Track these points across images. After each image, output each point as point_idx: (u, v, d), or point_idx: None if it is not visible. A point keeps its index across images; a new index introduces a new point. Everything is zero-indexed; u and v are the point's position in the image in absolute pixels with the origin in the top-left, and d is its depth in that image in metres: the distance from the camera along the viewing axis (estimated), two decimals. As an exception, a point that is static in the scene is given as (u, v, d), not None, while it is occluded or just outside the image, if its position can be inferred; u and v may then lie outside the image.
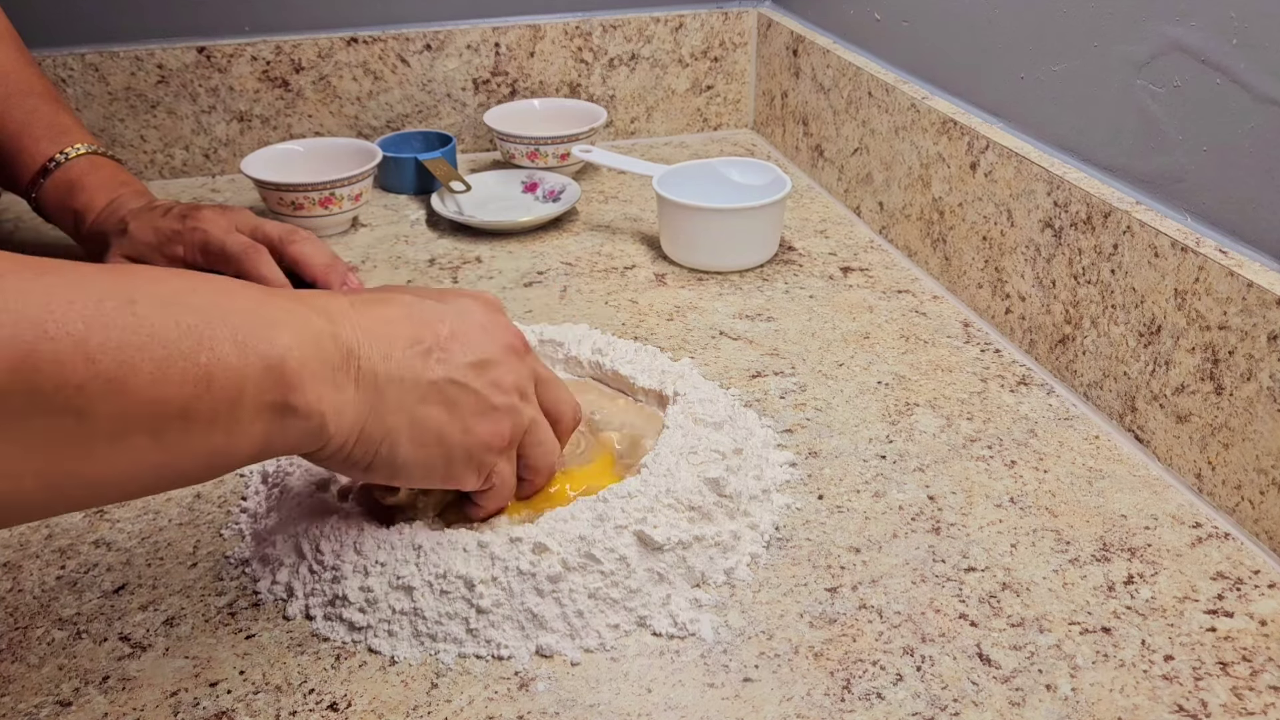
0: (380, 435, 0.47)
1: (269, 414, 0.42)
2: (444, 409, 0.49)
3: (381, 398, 0.47)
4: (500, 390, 0.51)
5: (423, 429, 0.48)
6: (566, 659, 0.51)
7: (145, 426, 0.39)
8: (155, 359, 0.38)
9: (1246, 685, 0.49)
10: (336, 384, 0.45)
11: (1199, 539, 0.58)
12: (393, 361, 0.47)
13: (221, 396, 0.40)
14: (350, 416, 0.46)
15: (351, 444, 0.47)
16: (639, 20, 1.14)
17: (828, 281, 0.87)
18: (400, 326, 0.48)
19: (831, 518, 0.60)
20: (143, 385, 0.38)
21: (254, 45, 1.07)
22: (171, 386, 0.39)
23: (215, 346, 0.40)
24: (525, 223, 0.95)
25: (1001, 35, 0.78)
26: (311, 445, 0.45)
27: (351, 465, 0.48)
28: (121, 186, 0.81)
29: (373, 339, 0.47)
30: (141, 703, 0.49)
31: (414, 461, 0.49)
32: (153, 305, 0.39)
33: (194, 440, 0.40)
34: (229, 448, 0.42)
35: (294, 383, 0.43)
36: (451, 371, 0.49)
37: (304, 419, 0.44)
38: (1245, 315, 0.56)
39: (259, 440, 0.43)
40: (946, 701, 0.48)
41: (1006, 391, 0.72)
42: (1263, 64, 0.57)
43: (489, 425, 0.50)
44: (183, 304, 0.40)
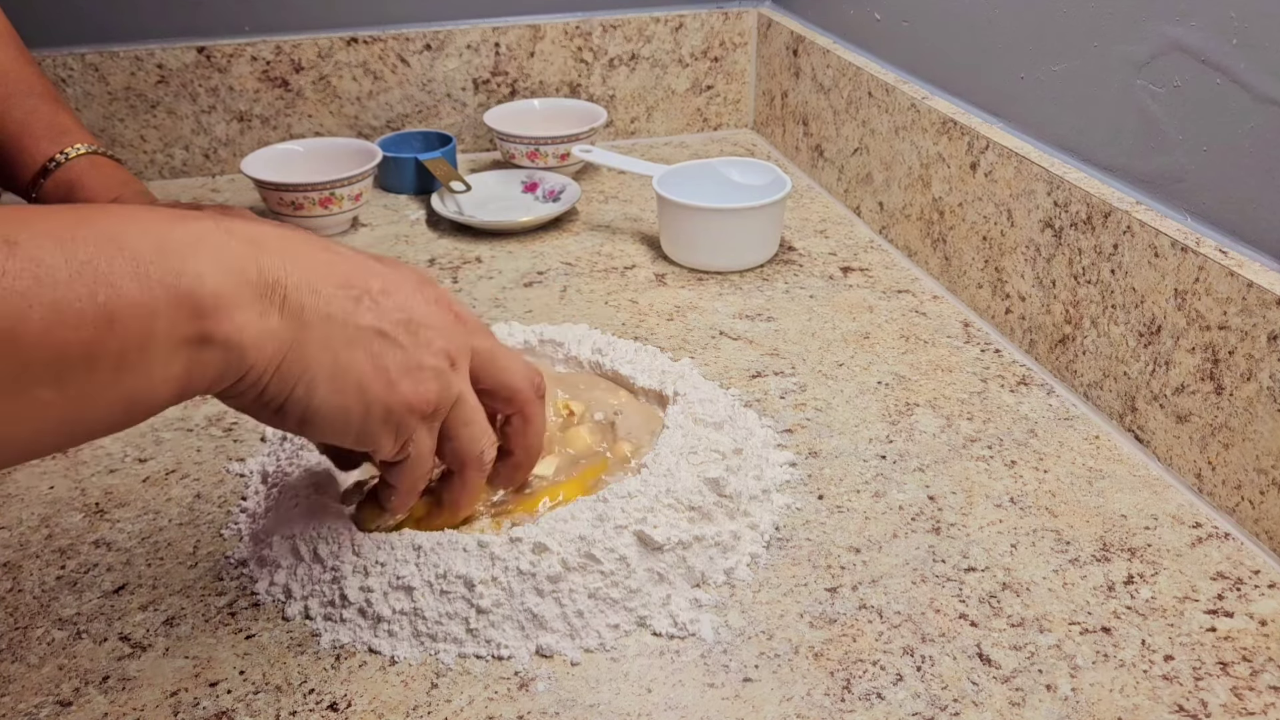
0: (299, 372, 0.43)
1: (186, 348, 0.39)
2: (369, 358, 0.45)
3: (307, 331, 0.43)
4: (431, 352, 0.47)
5: (345, 375, 0.45)
6: (566, 659, 0.51)
7: (45, 377, 0.36)
8: (46, 303, 0.35)
9: (1246, 685, 0.49)
10: (259, 310, 0.41)
11: (1199, 539, 0.58)
12: (321, 297, 0.44)
13: (128, 336, 0.37)
14: (271, 347, 0.42)
15: (268, 378, 0.43)
16: (639, 20, 1.14)
17: (828, 281, 0.87)
18: (333, 267, 0.45)
19: (831, 518, 0.60)
20: (35, 333, 0.35)
21: (254, 45, 1.07)
22: (68, 331, 0.35)
23: (115, 281, 0.37)
24: (525, 223, 0.95)
25: (1001, 35, 0.78)
26: (228, 379, 0.42)
27: (262, 405, 0.44)
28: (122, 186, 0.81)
29: (302, 271, 0.43)
30: (141, 703, 0.49)
31: (329, 408, 0.45)
32: (38, 243, 0.36)
33: (103, 387, 0.37)
34: (145, 391, 0.39)
35: (212, 310, 0.39)
36: (382, 321, 0.46)
37: (223, 349, 0.40)
38: (1245, 315, 0.56)
39: (178, 378, 0.39)
40: (946, 701, 0.48)
41: (1006, 391, 0.72)
42: (1263, 64, 0.57)
43: (414, 385, 0.47)
44: (74, 238, 0.37)
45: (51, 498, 0.63)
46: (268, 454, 0.64)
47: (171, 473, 0.65)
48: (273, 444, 0.65)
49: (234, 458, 0.66)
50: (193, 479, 0.64)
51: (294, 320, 0.43)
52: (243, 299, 0.40)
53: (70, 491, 0.63)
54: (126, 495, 0.63)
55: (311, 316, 0.43)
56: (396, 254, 0.93)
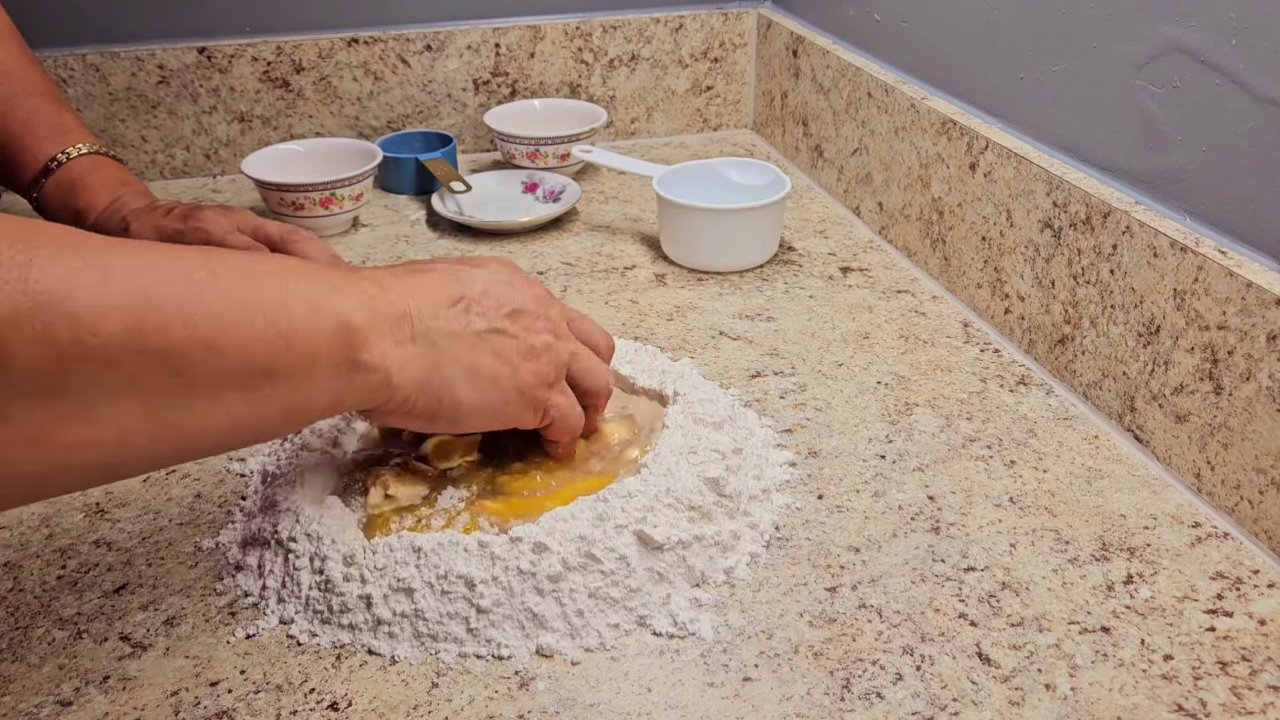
0: (441, 385, 0.52)
1: (340, 370, 0.47)
2: (493, 355, 0.53)
3: (438, 351, 0.51)
4: (537, 333, 0.55)
5: (478, 375, 0.53)
6: (566, 658, 0.51)
7: (236, 384, 0.43)
8: (244, 323, 0.43)
9: (1246, 685, 0.49)
10: (396, 340, 0.49)
11: (1198, 539, 0.58)
12: (441, 319, 0.52)
13: (300, 355, 0.45)
14: (412, 370, 0.50)
15: (415, 395, 0.51)
16: (639, 21, 1.14)
17: (827, 281, 0.87)
18: (440, 289, 0.53)
19: (831, 517, 0.60)
20: (234, 346, 0.42)
21: (254, 46, 1.07)
22: (259, 347, 0.43)
23: (292, 310, 0.45)
24: (525, 223, 0.95)
25: (1001, 35, 0.78)
26: (378, 399, 0.50)
27: (415, 417, 0.52)
28: (123, 186, 0.81)
29: (420, 301, 0.51)
30: (142, 702, 0.49)
31: (476, 405, 0.53)
32: (234, 277, 0.44)
33: (277, 395, 0.45)
34: (307, 402, 0.47)
35: (360, 340, 0.47)
36: (493, 322, 0.54)
37: (370, 373, 0.48)
38: (1244, 315, 0.57)
39: (332, 394, 0.47)
40: (946, 701, 0.48)
41: (1006, 391, 0.72)
42: (1262, 64, 0.57)
43: (534, 364, 0.55)
44: (258, 276, 0.45)
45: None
46: (268, 454, 0.64)
47: (172, 472, 0.65)
48: (273, 444, 0.65)
49: (234, 457, 0.66)
50: (193, 479, 0.64)
51: (425, 344, 0.51)
52: (382, 331, 0.49)
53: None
54: (127, 495, 0.63)
55: (438, 337, 0.51)
56: (397, 254, 0.93)
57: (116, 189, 0.81)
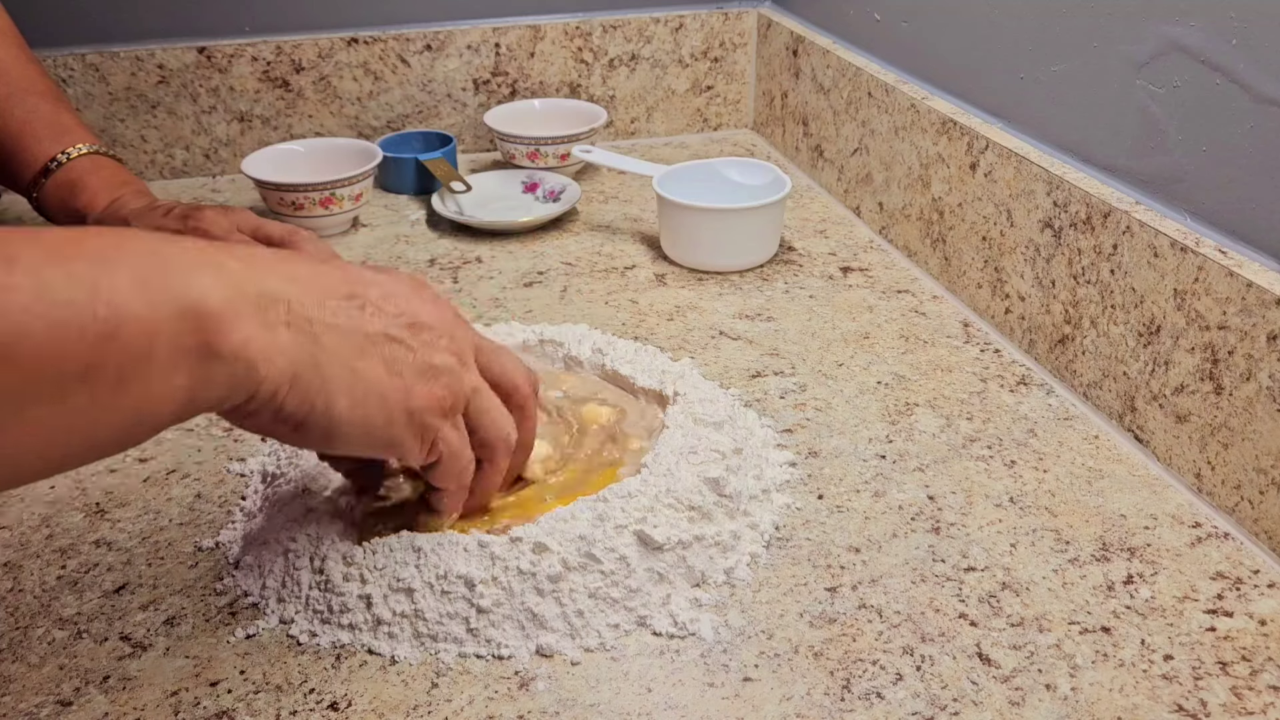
0: (317, 385, 0.43)
1: (190, 361, 0.38)
2: (383, 365, 0.46)
3: (318, 344, 0.43)
4: (439, 351, 0.48)
5: (363, 385, 0.45)
6: (566, 658, 0.51)
7: (46, 394, 0.35)
8: (45, 319, 0.34)
9: (1246, 685, 0.49)
10: (266, 324, 0.41)
11: (1198, 539, 0.58)
12: (327, 310, 0.44)
13: (129, 349, 0.37)
14: (282, 361, 0.42)
15: (284, 394, 0.42)
16: (639, 21, 1.14)
17: (828, 281, 0.87)
18: (330, 279, 0.45)
19: (831, 517, 0.60)
20: (34, 349, 0.34)
21: (254, 45, 1.07)
22: (68, 345, 0.35)
23: (115, 296, 0.36)
24: (525, 223, 0.95)
25: (1001, 35, 0.78)
26: (240, 394, 0.41)
27: (281, 421, 0.44)
28: (123, 186, 0.81)
29: (302, 287, 0.43)
30: (142, 702, 0.49)
31: (353, 420, 0.45)
32: (36, 259, 0.35)
33: (105, 403, 0.37)
34: (148, 406, 0.38)
35: (216, 323, 0.39)
36: (389, 327, 0.46)
37: (230, 362, 0.40)
38: (1245, 315, 0.57)
39: (182, 392, 0.39)
40: (946, 701, 0.48)
41: (1006, 391, 0.72)
42: (1263, 64, 0.57)
43: (429, 385, 0.47)
44: (72, 254, 0.36)
45: (52, 498, 0.63)
46: (268, 454, 0.64)
47: (172, 472, 0.65)
48: (273, 444, 0.65)
49: (234, 457, 0.66)
50: (193, 479, 0.64)
51: (302, 334, 0.42)
52: (246, 313, 0.40)
53: (71, 491, 0.63)
54: (127, 495, 0.63)
55: (320, 329, 0.43)
56: (396, 254, 0.93)
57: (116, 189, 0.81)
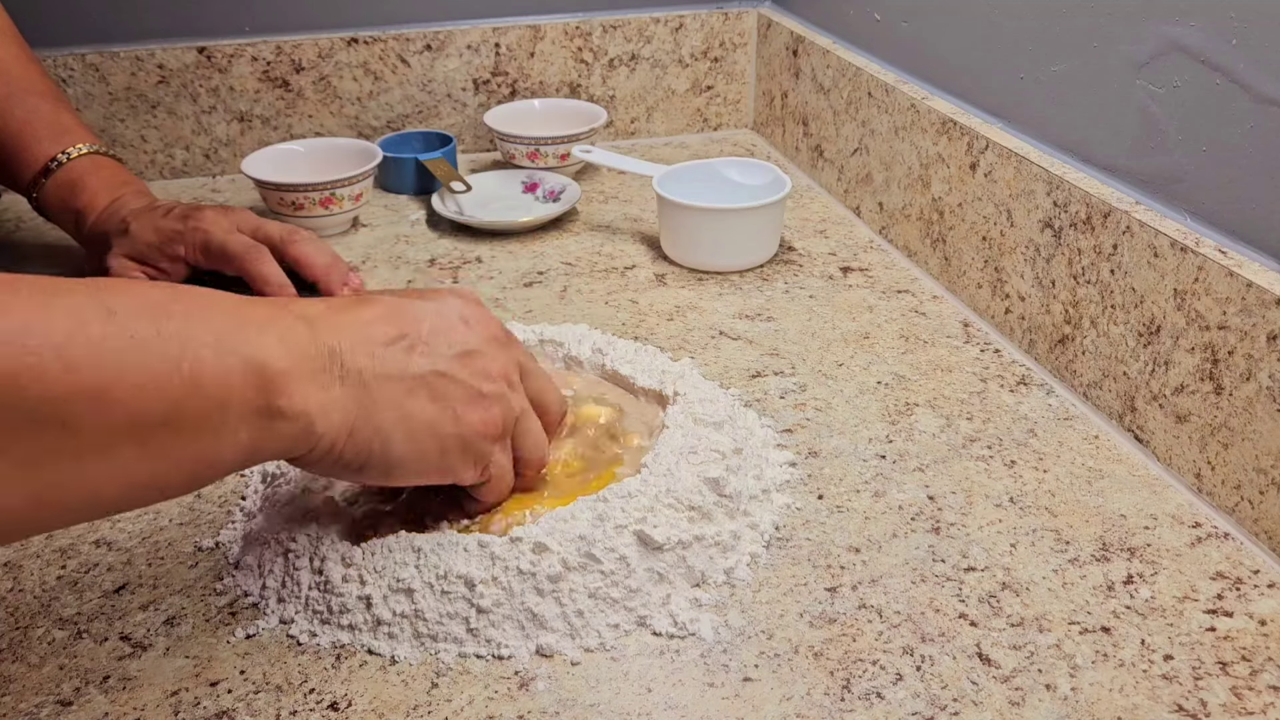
0: (371, 433, 0.47)
1: (255, 418, 0.42)
2: (433, 401, 0.48)
3: (369, 395, 0.46)
4: (488, 378, 0.50)
5: (414, 423, 0.48)
6: (566, 658, 0.51)
7: (131, 436, 0.38)
8: (137, 366, 0.38)
9: (1246, 685, 0.49)
10: (321, 384, 0.44)
11: (1198, 539, 0.58)
12: (376, 359, 0.47)
13: (206, 402, 0.40)
14: (338, 416, 0.45)
15: (341, 444, 0.46)
16: (639, 21, 1.14)
17: (828, 281, 0.87)
18: (380, 325, 0.48)
19: (831, 518, 0.60)
20: (126, 394, 0.38)
21: (254, 45, 1.07)
22: (155, 393, 0.38)
23: (198, 352, 0.40)
24: (525, 223, 0.95)
25: (1001, 35, 0.78)
26: (300, 448, 0.45)
27: (343, 467, 0.47)
28: (123, 186, 0.81)
29: (354, 339, 0.46)
30: (142, 702, 0.49)
31: (409, 457, 0.48)
32: (131, 314, 0.39)
33: (180, 448, 0.40)
34: (215, 455, 0.42)
35: (278, 385, 0.42)
36: (437, 363, 0.48)
37: (290, 421, 0.43)
38: (1245, 315, 0.57)
39: (246, 446, 0.42)
40: (946, 701, 0.48)
41: (1006, 391, 0.72)
42: (1263, 64, 0.57)
43: (480, 413, 0.50)
44: (162, 311, 0.40)
45: (52, 497, 0.63)
46: (268, 454, 0.64)
47: (172, 472, 0.65)
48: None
49: (234, 457, 0.66)
50: (193, 479, 0.64)
51: (355, 386, 0.46)
52: (304, 373, 0.44)
53: (71, 491, 0.63)
54: (127, 495, 0.63)
55: (370, 378, 0.46)
56: (397, 254, 0.93)
57: (116, 189, 0.81)
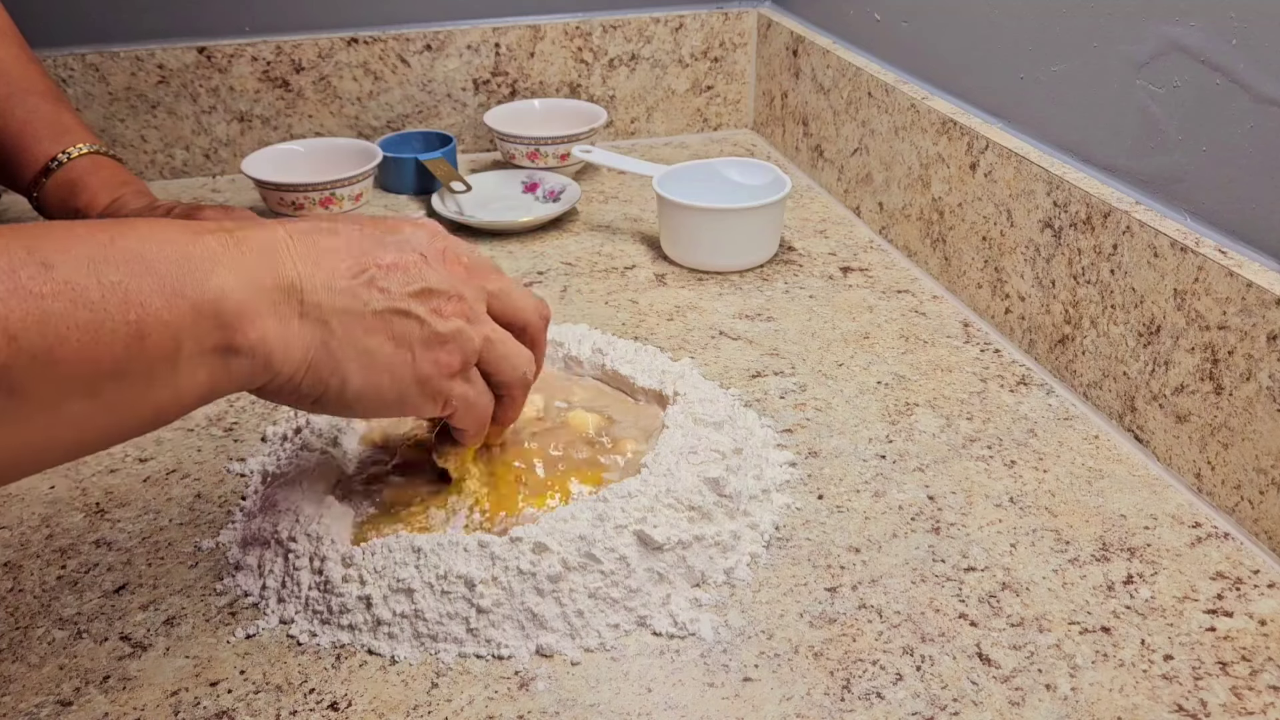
0: (330, 369, 0.47)
1: (211, 358, 0.42)
2: (390, 340, 0.48)
3: (329, 330, 0.46)
4: (443, 317, 0.50)
5: (372, 360, 0.48)
6: (566, 658, 0.51)
7: (80, 391, 0.38)
8: (81, 324, 0.37)
9: (1246, 685, 0.49)
10: (280, 316, 0.44)
11: (1198, 539, 0.58)
12: (336, 293, 0.46)
13: (157, 350, 0.40)
14: (298, 350, 0.45)
15: (300, 376, 0.46)
16: (639, 21, 1.14)
17: (828, 281, 0.87)
18: (341, 257, 0.47)
19: (831, 518, 0.60)
20: (71, 353, 0.37)
21: (254, 45, 1.07)
22: (102, 348, 0.38)
23: (144, 301, 0.39)
24: (525, 223, 0.95)
25: (1001, 35, 0.78)
26: (259, 380, 0.45)
27: (300, 397, 0.47)
28: (123, 186, 0.81)
29: (314, 270, 0.46)
30: (142, 702, 0.49)
31: (366, 394, 0.49)
32: (71, 267, 0.38)
33: (133, 397, 0.40)
34: (173, 397, 0.42)
35: (234, 323, 0.42)
36: (395, 301, 0.48)
37: (248, 356, 0.43)
38: (1245, 315, 0.57)
39: (204, 385, 0.43)
40: (946, 701, 0.48)
41: (1006, 391, 0.72)
42: (1263, 64, 0.57)
43: (435, 354, 0.50)
44: (104, 259, 0.39)
45: (52, 498, 0.63)
46: (268, 454, 0.64)
47: (172, 472, 0.65)
48: (273, 444, 0.65)
49: (234, 457, 0.66)
50: (193, 479, 0.64)
51: (314, 321, 0.46)
52: (262, 308, 0.43)
53: (71, 491, 0.63)
54: (127, 495, 0.63)
55: (329, 313, 0.46)
56: (397, 254, 0.93)
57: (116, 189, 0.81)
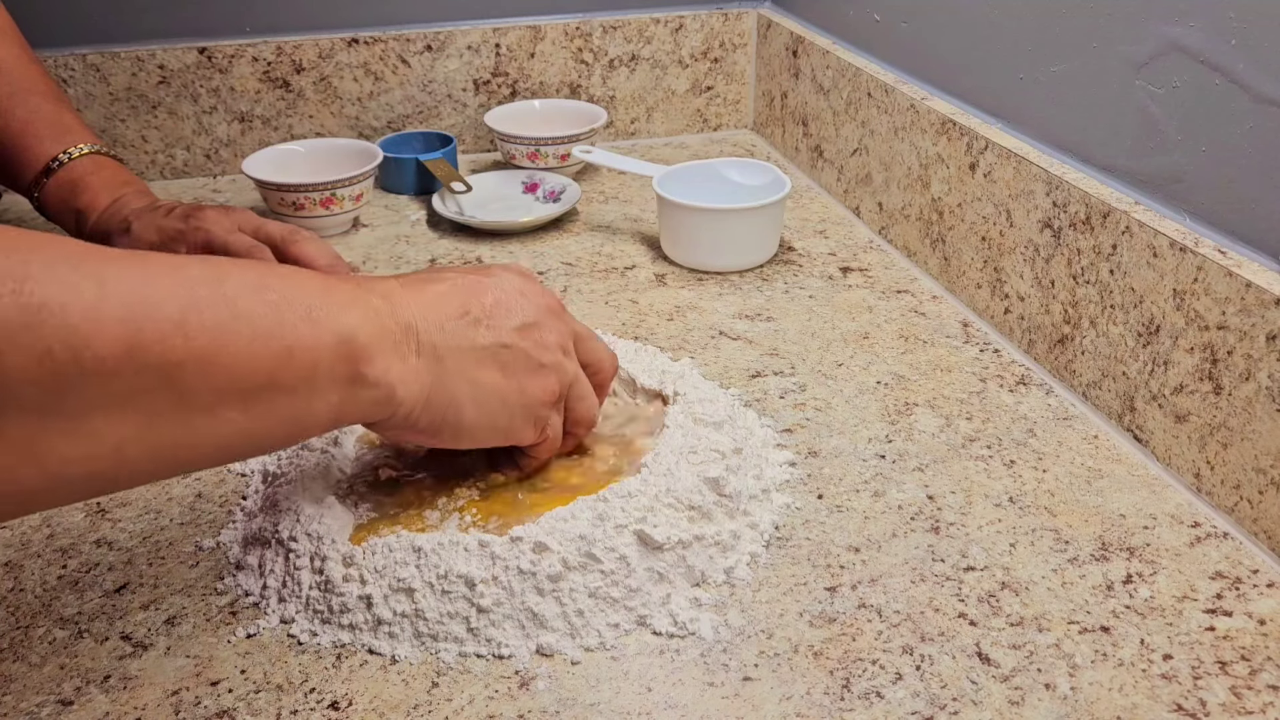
0: (445, 402, 0.51)
1: (343, 384, 0.47)
2: (499, 371, 0.53)
3: (443, 366, 0.51)
4: (546, 349, 0.55)
5: (483, 391, 0.52)
6: (567, 658, 0.51)
7: (235, 398, 0.43)
8: (244, 336, 0.42)
9: (1245, 684, 0.49)
10: (401, 355, 0.49)
11: (1198, 538, 0.58)
12: (447, 333, 0.51)
13: (301, 369, 0.45)
14: (416, 385, 0.50)
15: (419, 411, 0.50)
16: (639, 21, 1.15)
17: (827, 281, 0.87)
18: (448, 300, 0.52)
19: (831, 517, 0.60)
20: (233, 360, 0.42)
21: (255, 46, 1.07)
22: (258, 360, 0.43)
23: (295, 324, 0.45)
24: (526, 223, 0.95)
25: (1001, 35, 0.78)
26: (381, 413, 0.49)
27: (419, 431, 0.52)
28: (124, 186, 0.81)
29: (426, 313, 0.51)
30: (143, 702, 0.49)
31: (478, 423, 0.53)
32: (240, 288, 0.43)
33: (277, 409, 0.45)
34: (308, 415, 0.46)
35: (363, 355, 0.47)
36: (501, 336, 0.53)
37: (373, 388, 0.48)
38: (1244, 315, 0.57)
39: (334, 408, 0.47)
40: (946, 700, 0.48)
41: (1005, 391, 0.72)
42: (1262, 64, 0.57)
43: (540, 381, 0.55)
44: (265, 286, 0.44)
45: (53, 497, 0.63)
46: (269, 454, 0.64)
47: (173, 472, 0.65)
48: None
49: (235, 457, 0.66)
50: (194, 478, 0.64)
51: (430, 359, 0.50)
52: (386, 346, 0.48)
53: (72, 491, 0.63)
54: (128, 495, 0.63)
55: (444, 351, 0.51)
56: (397, 255, 0.93)
57: (118, 189, 0.81)
